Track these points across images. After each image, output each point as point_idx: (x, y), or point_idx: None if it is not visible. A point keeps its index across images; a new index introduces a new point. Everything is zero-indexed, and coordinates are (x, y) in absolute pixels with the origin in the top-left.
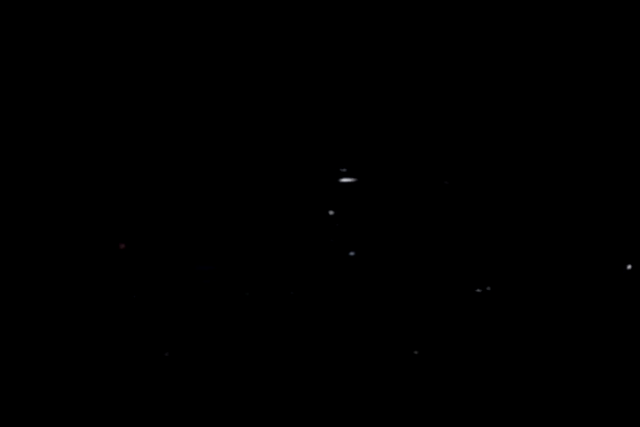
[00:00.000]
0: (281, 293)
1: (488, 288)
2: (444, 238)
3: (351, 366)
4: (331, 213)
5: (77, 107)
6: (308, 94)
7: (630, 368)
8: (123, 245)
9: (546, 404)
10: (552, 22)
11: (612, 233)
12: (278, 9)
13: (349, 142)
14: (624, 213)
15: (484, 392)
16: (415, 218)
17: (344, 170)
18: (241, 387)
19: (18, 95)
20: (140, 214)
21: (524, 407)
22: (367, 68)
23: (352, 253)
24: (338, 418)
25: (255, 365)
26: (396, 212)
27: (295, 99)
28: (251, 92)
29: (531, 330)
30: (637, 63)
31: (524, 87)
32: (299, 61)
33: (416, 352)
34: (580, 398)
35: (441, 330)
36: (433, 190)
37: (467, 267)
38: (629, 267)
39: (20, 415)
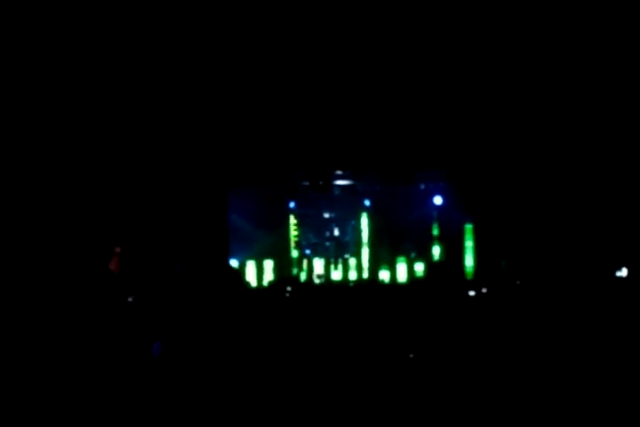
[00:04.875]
0: (276, 297)
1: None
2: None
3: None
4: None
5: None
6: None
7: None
8: (118, 249)
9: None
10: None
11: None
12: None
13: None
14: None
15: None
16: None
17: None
18: (235, 389)
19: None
20: (135, 221)
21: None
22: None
23: (347, 256)
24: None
25: (246, 365)
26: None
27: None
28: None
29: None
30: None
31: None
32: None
33: (412, 355)
34: (578, 398)
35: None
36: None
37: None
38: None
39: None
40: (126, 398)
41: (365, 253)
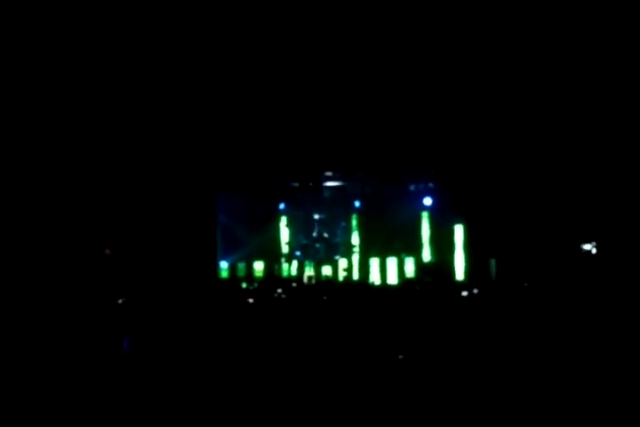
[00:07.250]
0: (271, 296)
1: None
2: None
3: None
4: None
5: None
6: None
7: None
8: (108, 251)
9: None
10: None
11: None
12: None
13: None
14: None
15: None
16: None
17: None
18: (232, 388)
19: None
20: (126, 222)
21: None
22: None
23: (338, 257)
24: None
25: (246, 365)
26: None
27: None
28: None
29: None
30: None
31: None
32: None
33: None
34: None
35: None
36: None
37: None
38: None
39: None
40: (112, 392)
41: (355, 254)
